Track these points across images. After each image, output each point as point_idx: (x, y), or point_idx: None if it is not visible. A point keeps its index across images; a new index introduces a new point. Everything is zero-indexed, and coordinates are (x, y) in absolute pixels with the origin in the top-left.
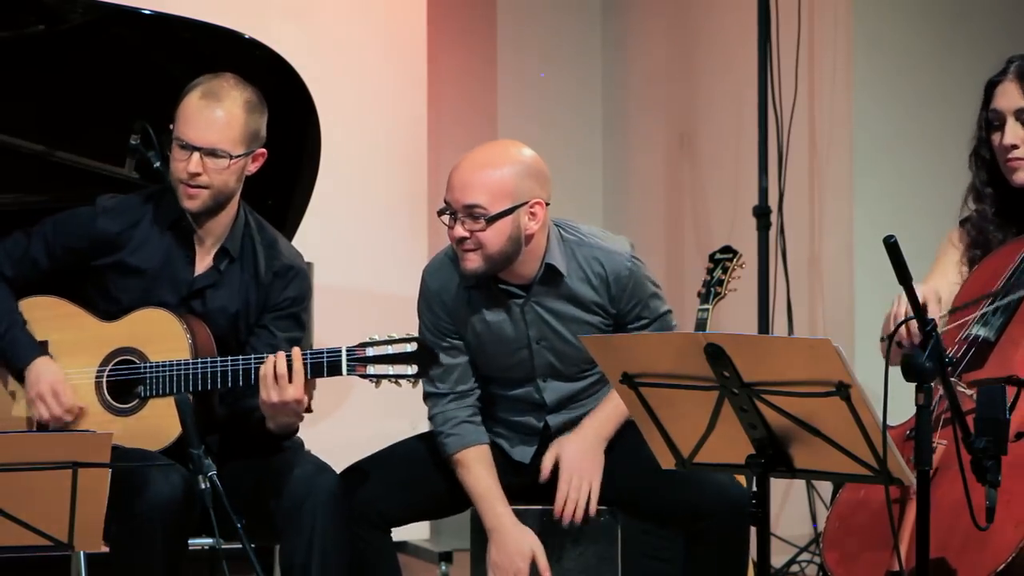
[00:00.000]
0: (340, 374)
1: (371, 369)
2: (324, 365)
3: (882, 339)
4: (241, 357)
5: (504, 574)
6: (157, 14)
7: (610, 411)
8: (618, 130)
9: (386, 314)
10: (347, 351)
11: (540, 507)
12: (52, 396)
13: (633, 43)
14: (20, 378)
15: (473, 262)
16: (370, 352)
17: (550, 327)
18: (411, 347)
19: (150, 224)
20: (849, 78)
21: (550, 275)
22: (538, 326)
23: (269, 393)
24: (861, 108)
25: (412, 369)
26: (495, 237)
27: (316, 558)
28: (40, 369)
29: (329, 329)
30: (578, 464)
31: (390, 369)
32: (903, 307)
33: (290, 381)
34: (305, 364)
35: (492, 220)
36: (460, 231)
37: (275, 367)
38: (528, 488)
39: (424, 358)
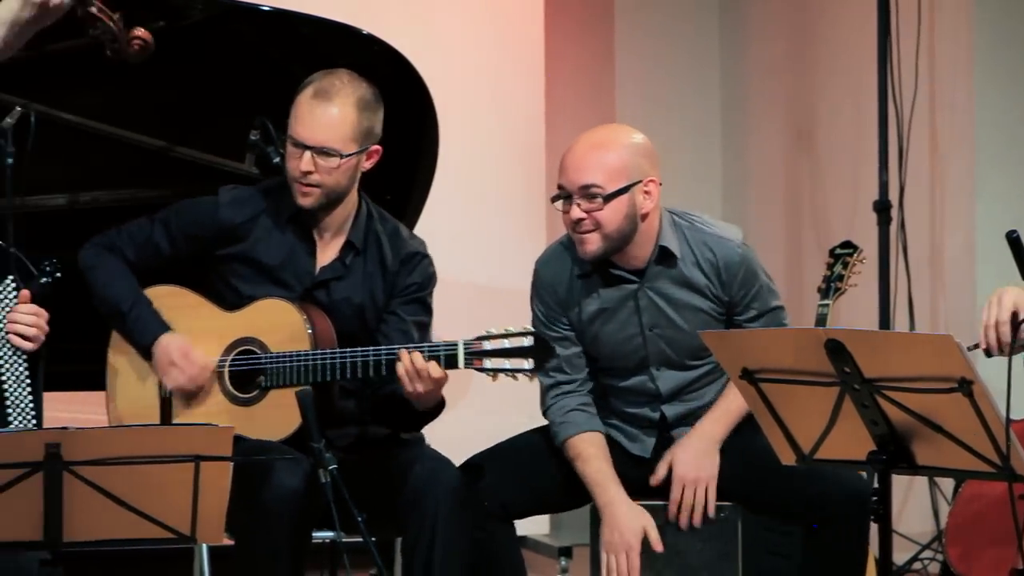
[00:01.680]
0: (457, 367)
1: (488, 363)
2: (441, 358)
3: (970, 348)
4: (360, 349)
5: (616, 551)
6: (276, 10)
7: (724, 410)
8: (737, 125)
9: (503, 309)
10: (464, 344)
11: (661, 502)
12: (183, 358)
13: (751, 38)
14: (147, 356)
15: (591, 244)
16: (487, 346)
17: (663, 314)
18: (528, 341)
19: (271, 217)
20: (970, 70)
21: (664, 258)
22: (651, 312)
23: (415, 386)
24: (983, 100)
25: (529, 363)
26: (612, 216)
27: (438, 552)
28: (166, 341)
29: (447, 324)
30: (692, 472)
31: (507, 363)
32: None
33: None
34: (424, 357)
35: (609, 199)
36: (577, 212)
37: (413, 363)
38: (646, 481)
39: (541, 352)
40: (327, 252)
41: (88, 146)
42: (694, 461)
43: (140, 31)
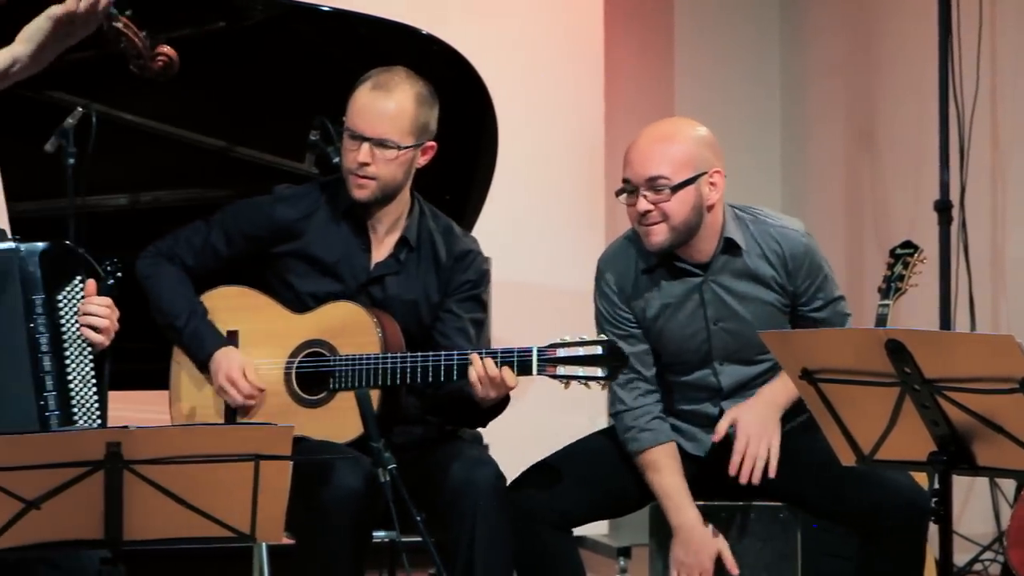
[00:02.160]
0: (530, 374)
1: (561, 370)
2: (515, 364)
3: None
4: (431, 353)
5: (690, 573)
6: (335, 10)
7: (784, 382)
8: (797, 125)
9: (563, 307)
10: (538, 351)
11: (718, 503)
12: (230, 384)
13: (811, 37)
14: (204, 368)
15: (658, 235)
16: (561, 353)
17: (728, 307)
18: (602, 349)
19: (326, 213)
20: None
21: (729, 251)
22: (716, 306)
23: (488, 392)
24: None
25: (602, 371)
26: (679, 207)
27: (479, 551)
28: (220, 359)
29: (507, 324)
30: (756, 426)
31: (580, 371)
32: None
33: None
34: (496, 363)
35: (676, 190)
36: (644, 204)
37: (486, 369)
38: (703, 481)
39: (615, 360)
40: (382, 249)
41: (149, 146)
42: (759, 418)
43: (165, 48)
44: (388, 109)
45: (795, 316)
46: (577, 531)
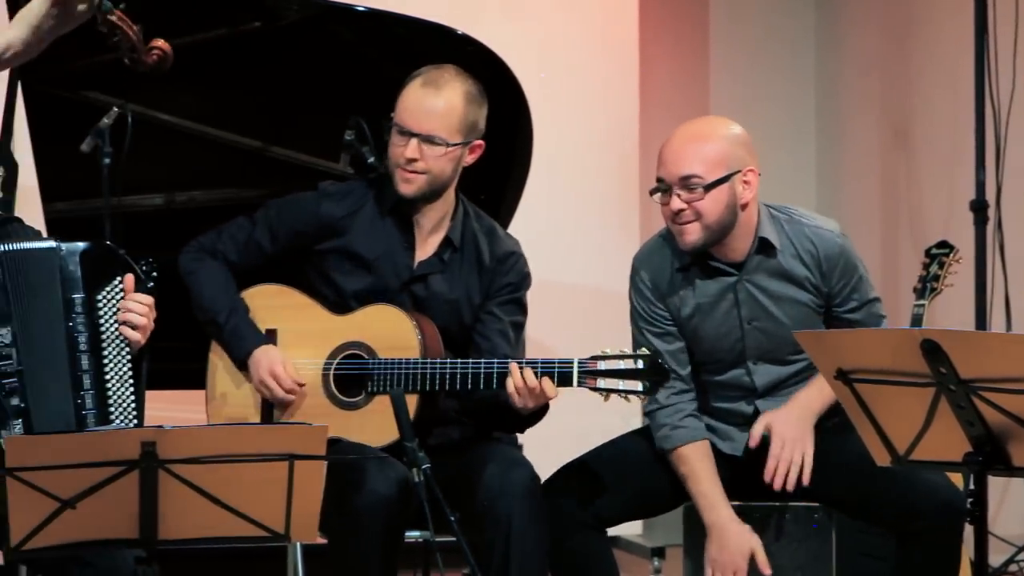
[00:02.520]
0: (570, 385)
1: (601, 383)
2: (555, 375)
3: None
4: (471, 361)
5: (724, 571)
6: (371, 11)
7: (820, 388)
8: (832, 124)
9: (598, 308)
10: (579, 364)
11: (753, 503)
12: (272, 379)
13: (847, 34)
14: (243, 366)
15: (692, 234)
16: (602, 366)
17: (762, 307)
18: (643, 363)
19: (371, 210)
20: None
21: (763, 250)
22: (750, 306)
23: (527, 402)
24: None
25: (642, 385)
26: (713, 206)
27: (515, 552)
28: (259, 357)
29: (541, 324)
30: (791, 432)
31: (620, 384)
32: None
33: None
34: (536, 374)
35: (709, 188)
36: (677, 203)
37: (524, 379)
38: (738, 481)
39: (655, 375)
40: (426, 247)
41: (184, 146)
42: (794, 424)
43: (159, 42)
44: (437, 106)
45: (829, 317)
46: (611, 531)
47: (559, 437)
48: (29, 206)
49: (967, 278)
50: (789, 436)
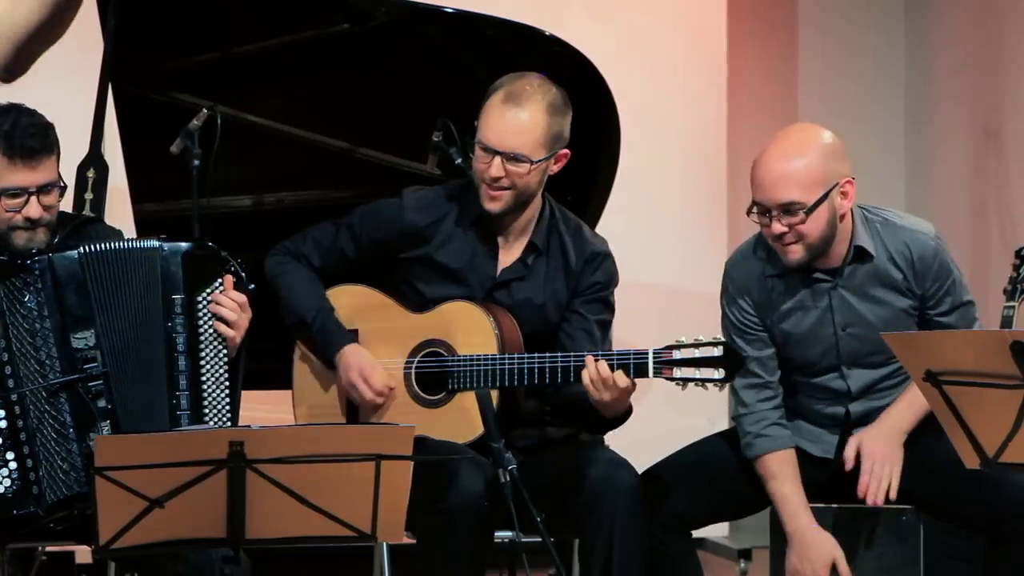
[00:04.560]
0: (646, 376)
1: (677, 372)
2: (631, 366)
3: None
4: (548, 355)
5: None
6: (460, 12)
7: (909, 402)
8: (922, 123)
9: (684, 311)
10: (654, 353)
11: (837, 505)
12: (362, 381)
13: (937, 35)
14: (331, 365)
15: (795, 254)
16: (677, 355)
17: (856, 312)
18: (718, 351)
19: (455, 219)
20: None
21: (859, 258)
22: (844, 311)
23: (602, 394)
24: None
25: (719, 373)
26: (815, 226)
27: (617, 554)
28: (349, 357)
29: (629, 327)
30: (880, 452)
31: (697, 373)
32: None
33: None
34: (611, 365)
35: (811, 211)
36: (779, 227)
37: (599, 371)
38: (828, 483)
39: (731, 362)
40: (509, 254)
41: (272, 147)
42: (884, 442)
43: None
44: (520, 123)
45: (923, 320)
46: (697, 532)
47: (645, 439)
48: (119, 207)
49: None
50: (879, 454)
